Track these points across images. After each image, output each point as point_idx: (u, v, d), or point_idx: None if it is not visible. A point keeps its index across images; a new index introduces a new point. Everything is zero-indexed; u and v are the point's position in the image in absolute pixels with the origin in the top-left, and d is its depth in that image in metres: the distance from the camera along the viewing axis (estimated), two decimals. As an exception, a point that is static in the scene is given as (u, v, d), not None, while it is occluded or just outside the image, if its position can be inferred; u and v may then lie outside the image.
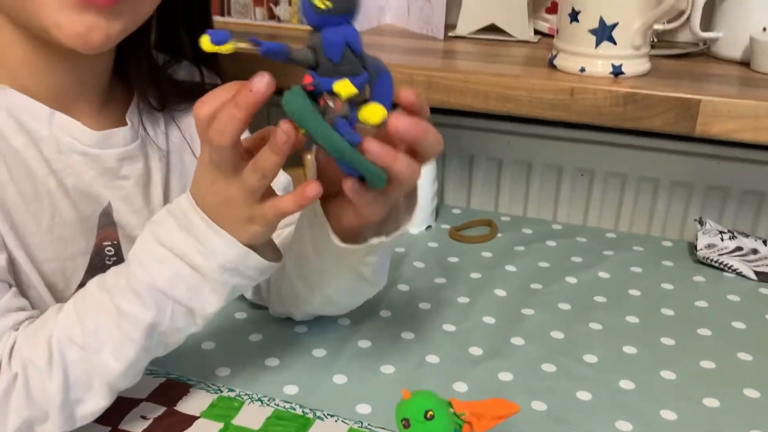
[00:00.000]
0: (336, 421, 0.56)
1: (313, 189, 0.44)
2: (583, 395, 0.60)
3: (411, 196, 0.51)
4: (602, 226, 0.96)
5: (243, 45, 0.40)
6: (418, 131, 0.42)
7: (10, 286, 0.51)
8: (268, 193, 0.47)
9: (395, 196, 0.47)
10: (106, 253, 0.59)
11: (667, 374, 0.63)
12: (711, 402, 0.60)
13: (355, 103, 0.42)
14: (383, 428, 0.55)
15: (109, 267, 0.59)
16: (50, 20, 0.50)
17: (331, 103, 0.41)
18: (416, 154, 0.45)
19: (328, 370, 0.62)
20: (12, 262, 0.53)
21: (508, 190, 1.00)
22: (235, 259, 0.48)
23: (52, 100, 0.56)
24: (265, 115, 1.10)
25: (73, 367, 0.48)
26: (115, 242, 0.60)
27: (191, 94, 0.67)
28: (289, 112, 0.41)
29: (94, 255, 0.58)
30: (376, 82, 0.42)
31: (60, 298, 0.56)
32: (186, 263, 0.47)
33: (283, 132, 0.42)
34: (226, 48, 0.40)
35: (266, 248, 0.52)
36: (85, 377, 0.48)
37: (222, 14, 1.01)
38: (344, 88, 0.40)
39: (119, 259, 0.60)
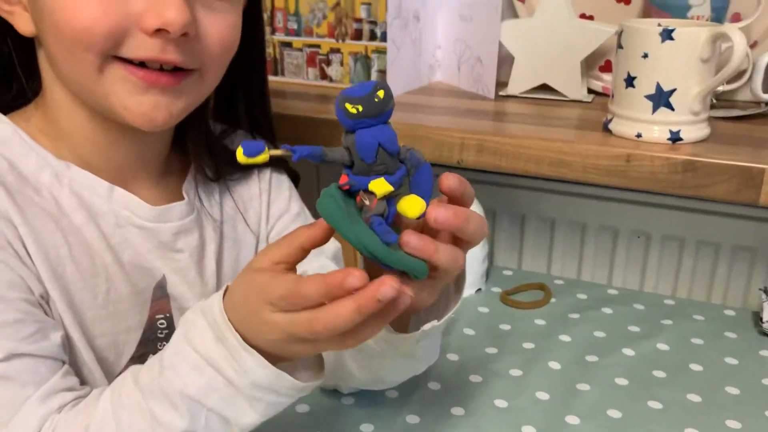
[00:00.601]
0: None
1: (401, 304, 0.41)
2: (644, 484, 0.57)
3: (459, 276, 0.50)
4: (659, 291, 0.93)
5: (277, 152, 0.40)
6: (457, 221, 0.41)
7: (63, 363, 0.52)
8: None
9: (442, 284, 0.46)
10: (158, 326, 0.60)
11: (734, 461, 0.60)
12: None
13: (393, 197, 0.41)
14: None
15: (161, 340, 0.59)
16: (118, 103, 0.52)
17: (367, 202, 0.40)
18: (460, 240, 0.44)
19: (375, 447, 0.61)
20: (67, 339, 0.53)
21: (561, 252, 0.98)
22: (266, 379, 0.45)
23: (113, 175, 0.57)
24: (314, 174, 1.11)
25: None
26: (167, 315, 0.60)
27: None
28: (323, 215, 0.40)
29: (146, 328, 0.59)
30: (414, 175, 0.42)
31: (110, 371, 0.57)
32: (219, 374, 0.45)
33: (409, 296, 0.40)
34: (261, 159, 0.39)
35: (308, 364, 0.50)
36: None
37: (275, 74, 1.02)
38: (379, 186, 0.39)
39: (171, 332, 0.59)
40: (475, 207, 0.91)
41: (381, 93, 0.39)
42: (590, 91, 0.95)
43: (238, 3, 0.56)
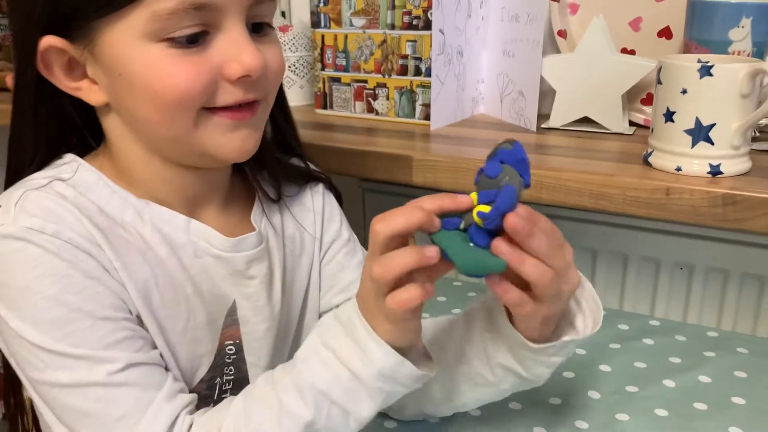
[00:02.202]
0: None
1: (432, 251, 0.48)
2: None
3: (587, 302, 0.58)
4: (703, 323, 0.93)
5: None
6: (524, 229, 0.47)
7: (167, 370, 0.56)
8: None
9: (544, 303, 0.51)
10: (227, 351, 0.63)
11: (775, 496, 0.60)
12: None
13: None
14: None
15: (228, 365, 0.63)
16: (212, 145, 0.56)
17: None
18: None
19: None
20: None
21: (603, 283, 0.98)
22: (391, 367, 0.51)
23: (184, 208, 0.61)
24: (362, 199, 1.15)
25: None
26: (237, 341, 0.64)
27: (299, 177, 0.72)
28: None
29: (216, 354, 0.62)
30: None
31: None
32: (345, 367, 0.51)
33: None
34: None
35: (421, 358, 0.55)
36: None
37: (325, 108, 1.07)
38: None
39: (239, 357, 0.64)
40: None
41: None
42: (632, 123, 0.96)
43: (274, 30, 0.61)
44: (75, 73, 0.56)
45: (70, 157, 0.60)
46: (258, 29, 0.57)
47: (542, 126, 0.96)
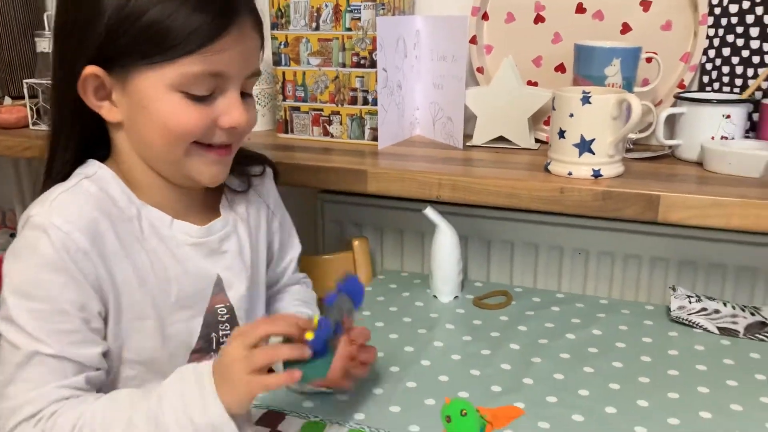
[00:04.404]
0: (395, 436, 0.77)
1: (298, 375, 0.67)
2: (577, 418, 0.80)
3: None
4: (598, 294, 1.17)
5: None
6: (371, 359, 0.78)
7: (98, 370, 0.71)
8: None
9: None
10: (218, 312, 0.82)
11: (642, 402, 0.83)
12: (675, 421, 0.80)
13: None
14: (429, 440, 0.75)
15: (222, 323, 0.82)
16: (195, 171, 0.76)
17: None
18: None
19: (386, 402, 0.83)
20: (151, 328, 0.76)
21: (520, 267, 1.21)
22: (220, 422, 0.65)
23: (171, 209, 0.79)
24: (320, 208, 1.34)
25: None
26: (228, 304, 0.82)
27: (254, 161, 0.92)
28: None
29: (207, 314, 0.80)
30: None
31: (188, 345, 0.79)
32: (187, 415, 0.65)
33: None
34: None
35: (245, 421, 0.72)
36: None
37: (286, 132, 1.26)
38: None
39: (232, 316, 0.83)
40: (452, 234, 1.14)
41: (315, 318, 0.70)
42: (537, 140, 1.19)
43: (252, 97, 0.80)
44: (100, 94, 0.72)
45: (91, 161, 0.77)
46: (243, 96, 0.76)
47: (467, 144, 1.17)
